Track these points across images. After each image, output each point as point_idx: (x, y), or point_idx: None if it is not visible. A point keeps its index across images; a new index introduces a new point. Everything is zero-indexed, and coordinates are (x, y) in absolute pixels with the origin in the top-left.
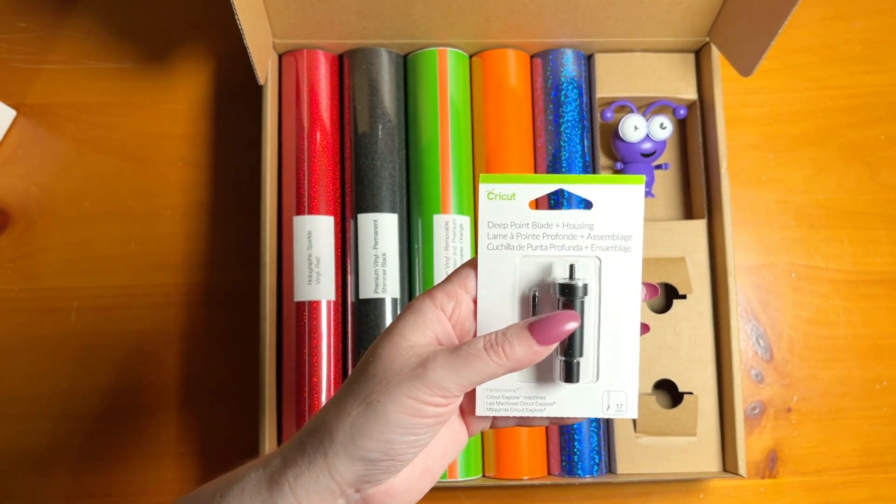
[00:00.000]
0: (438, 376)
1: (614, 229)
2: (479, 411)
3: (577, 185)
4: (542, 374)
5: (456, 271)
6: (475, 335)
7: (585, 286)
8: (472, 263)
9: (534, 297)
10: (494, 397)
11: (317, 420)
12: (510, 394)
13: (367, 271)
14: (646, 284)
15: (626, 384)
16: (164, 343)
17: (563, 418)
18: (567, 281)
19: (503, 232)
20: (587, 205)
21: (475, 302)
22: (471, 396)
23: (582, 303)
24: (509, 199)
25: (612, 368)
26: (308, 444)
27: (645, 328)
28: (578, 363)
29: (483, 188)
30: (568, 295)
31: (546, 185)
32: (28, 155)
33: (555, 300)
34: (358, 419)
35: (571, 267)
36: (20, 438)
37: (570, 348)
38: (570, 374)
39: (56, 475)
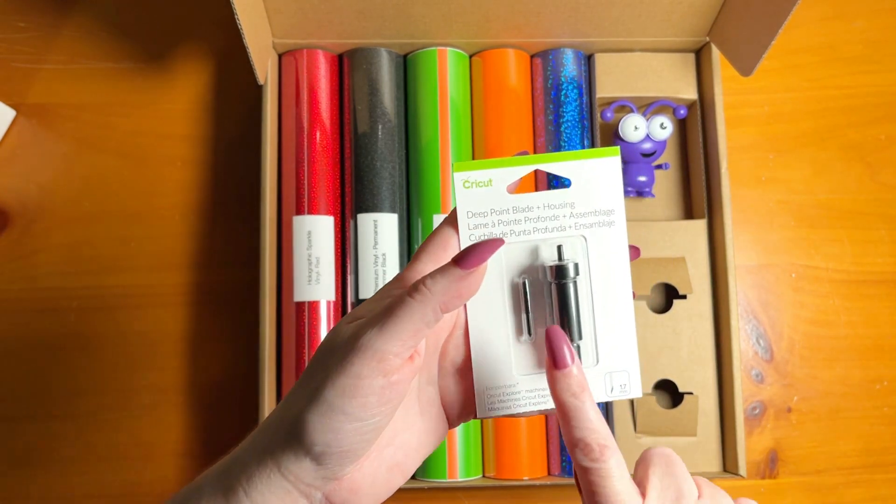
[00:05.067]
0: (367, 340)
1: (596, 205)
2: (481, 413)
3: (553, 164)
4: (542, 364)
5: (431, 236)
6: (465, 329)
7: (576, 265)
8: (451, 221)
9: (524, 283)
10: (495, 395)
11: (269, 417)
12: (510, 389)
13: (367, 271)
14: (629, 247)
15: (626, 363)
16: (164, 343)
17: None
18: (557, 262)
19: (484, 220)
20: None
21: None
22: (467, 396)
23: (574, 283)
24: (486, 186)
25: (611, 349)
26: (258, 442)
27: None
28: (578, 347)
29: (458, 177)
30: (560, 276)
31: (522, 168)
32: (28, 155)
33: (546, 283)
34: (302, 412)
35: (559, 248)
36: (20, 438)
37: (568, 331)
38: None
39: (56, 475)
